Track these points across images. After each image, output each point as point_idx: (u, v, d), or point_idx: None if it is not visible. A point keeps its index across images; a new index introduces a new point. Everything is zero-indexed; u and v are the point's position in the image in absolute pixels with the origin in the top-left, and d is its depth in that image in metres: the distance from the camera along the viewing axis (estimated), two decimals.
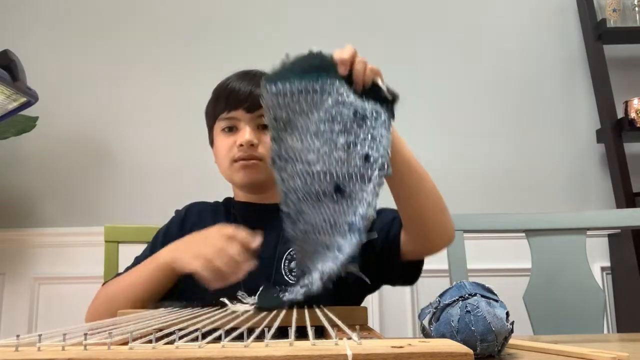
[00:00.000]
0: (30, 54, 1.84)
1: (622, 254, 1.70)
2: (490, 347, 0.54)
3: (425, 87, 1.90)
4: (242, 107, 0.95)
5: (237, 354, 0.32)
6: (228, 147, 0.95)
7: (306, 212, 0.72)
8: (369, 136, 0.69)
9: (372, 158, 0.68)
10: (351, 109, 0.70)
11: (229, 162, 0.96)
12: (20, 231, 1.83)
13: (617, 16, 1.90)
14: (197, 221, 1.02)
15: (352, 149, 0.69)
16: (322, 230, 0.71)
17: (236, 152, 0.94)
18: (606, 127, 1.79)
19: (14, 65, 0.80)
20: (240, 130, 0.95)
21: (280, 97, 0.72)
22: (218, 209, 1.04)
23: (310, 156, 0.72)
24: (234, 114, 0.95)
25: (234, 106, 0.95)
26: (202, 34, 1.97)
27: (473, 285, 0.59)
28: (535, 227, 1.16)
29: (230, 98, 0.96)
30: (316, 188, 0.71)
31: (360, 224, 0.66)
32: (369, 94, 0.72)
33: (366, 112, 0.70)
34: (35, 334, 0.35)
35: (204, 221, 1.02)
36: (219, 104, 0.98)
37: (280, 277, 0.91)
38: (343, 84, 0.71)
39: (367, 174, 0.68)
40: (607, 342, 0.81)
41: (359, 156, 0.68)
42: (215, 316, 0.54)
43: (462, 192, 1.81)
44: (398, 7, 1.98)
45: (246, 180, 0.96)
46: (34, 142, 1.86)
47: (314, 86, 0.71)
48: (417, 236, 0.85)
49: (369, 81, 0.74)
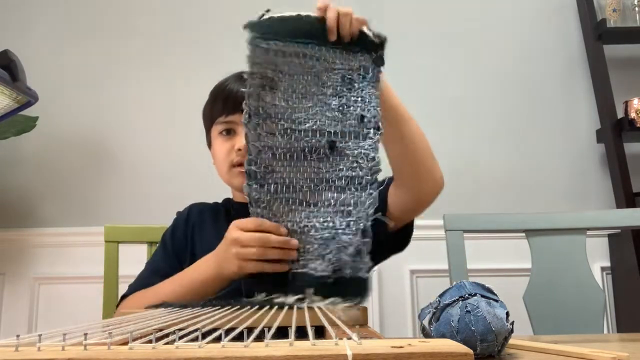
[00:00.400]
0: (30, 54, 1.84)
1: (622, 254, 1.70)
2: (490, 347, 0.54)
3: (425, 87, 1.90)
4: (240, 110, 0.94)
5: (237, 354, 0.32)
6: (226, 151, 0.94)
7: (279, 170, 0.73)
8: (359, 98, 0.74)
9: (366, 118, 0.73)
10: (339, 74, 0.74)
11: (228, 166, 0.95)
12: (20, 231, 1.83)
13: (617, 16, 1.90)
14: (198, 221, 1.02)
15: (345, 110, 0.74)
16: (301, 187, 0.73)
17: (234, 156, 0.93)
18: (606, 127, 1.79)
19: (14, 66, 0.80)
20: (238, 134, 0.94)
21: (268, 55, 0.74)
22: (218, 210, 1.05)
23: (298, 115, 0.73)
24: (231, 117, 0.94)
25: (231, 109, 0.94)
26: (202, 34, 1.97)
27: (473, 285, 0.59)
28: (535, 227, 1.16)
29: (228, 101, 0.94)
30: (302, 145, 0.73)
31: (369, 177, 0.72)
32: (357, 44, 0.76)
33: (353, 75, 0.75)
34: (35, 334, 0.35)
35: (205, 221, 1.02)
36: (217, 107, 0.96)
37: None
38: (330, 50, 0.75)
39: (363, 132, 0.73)
40: (607, 342, 0.81)
41: (354, 116, 0.74)
42: (215, 316, 0.54)
43: (462, 192, 1.81)
44: (398, 6, 1.98)
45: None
46: (34, 142, 1.86)
47: (304, 51, 0.74)
48: (408, 182, 0.86)
49: (356, 32, 0.76)
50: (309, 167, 0.73)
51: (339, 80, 0.74)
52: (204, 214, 1.05)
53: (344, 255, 0.71)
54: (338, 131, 0.73)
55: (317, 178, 0.73)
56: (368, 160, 0.73)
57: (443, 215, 1.18)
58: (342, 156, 0.73)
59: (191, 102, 1.89)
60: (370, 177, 0.73)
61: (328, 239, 0.72)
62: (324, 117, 0.74)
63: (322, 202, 0.73)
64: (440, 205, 1.73)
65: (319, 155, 0.73)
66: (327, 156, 0.73)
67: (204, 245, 1.00)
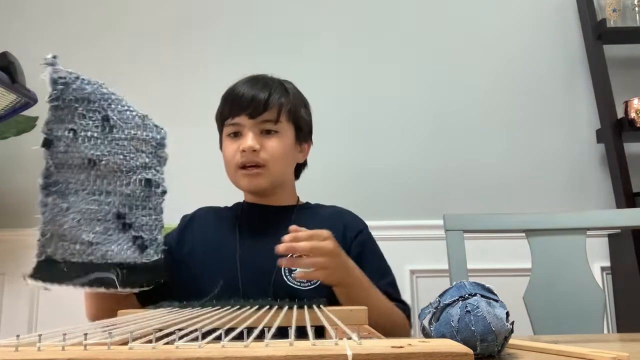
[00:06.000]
0: (29, 54, 1.84)
1: (622, 254, 1.70)
2: (490, 347, 0.54)
3: (425, 87, 1.90)
4: (245, 112, 0.97)
5: (237, 354, 0.32)
6: (233, 152, 0.98)
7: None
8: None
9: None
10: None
11: (234, 167, 0.98)
12: (20, 231, 1.83)
13: (617, 16, 1.90)
14: (203, 223, 1.04)
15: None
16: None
17: (239, 157, 0.96)
18: (606, 127, 1.79)
19: (13, 67, 0.81)
20: (244, 136, 0.97)
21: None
22: (223, 213, 1.06)
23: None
24: (238, 119, 0.97)
25: (237, 112, 0.97)
26: (202, 35, 1.97)
27: (473, 285, 0.59)
28: (535, 227, 1.16)
29: (235, 103, 0.98)
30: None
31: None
32: None
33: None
34: (35, 334, 0.35)
35: (209, 224, 1.04)
36: (225, 109, 1.00)
37: (280, 277, 0.92)
38: None
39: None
40: (607, 342, 0.81)
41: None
42: (215, 316, 0.54)
43: (462, 192, 1.81)
44: (398, 6, 1.97)
45: (250, 188, 1.00)
46: (34, 142, 1.85)
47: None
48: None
49: None
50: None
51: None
52: (208, 216, 1.06)
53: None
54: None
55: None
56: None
57: (443, 215, 1.18)
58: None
59: (192, 102, 1.90)
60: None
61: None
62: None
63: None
64: (440, 205, 1.74)
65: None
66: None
67: (206, 245, 1.00)
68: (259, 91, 0.97)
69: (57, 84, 0.82)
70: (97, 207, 0.82)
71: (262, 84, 0.99)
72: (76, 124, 0.82)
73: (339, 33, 1.95)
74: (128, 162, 0.86)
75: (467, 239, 1.15)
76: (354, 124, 1.88)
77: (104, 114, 0.85)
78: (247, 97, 0.97)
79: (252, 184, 0.98)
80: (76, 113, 0.82)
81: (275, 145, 0.97)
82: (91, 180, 0.82)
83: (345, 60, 1.93)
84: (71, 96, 0.83)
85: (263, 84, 0.99)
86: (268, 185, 0.99)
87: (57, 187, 0.80)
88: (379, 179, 1.83)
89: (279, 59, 1.89)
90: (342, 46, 1.94)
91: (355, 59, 1.93)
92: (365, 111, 1.89)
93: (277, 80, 1.03)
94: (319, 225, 1.00)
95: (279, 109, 0.98)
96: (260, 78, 1.02)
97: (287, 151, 1.00)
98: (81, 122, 0.83)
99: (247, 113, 0.96)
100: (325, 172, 1.74)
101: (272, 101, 0.97)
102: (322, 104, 1.26)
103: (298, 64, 1.89)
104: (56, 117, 0.81)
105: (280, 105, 0.98)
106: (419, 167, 1.83)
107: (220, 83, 1.04)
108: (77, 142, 0.82)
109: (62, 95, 0.82)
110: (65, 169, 0.81)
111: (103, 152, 0.83)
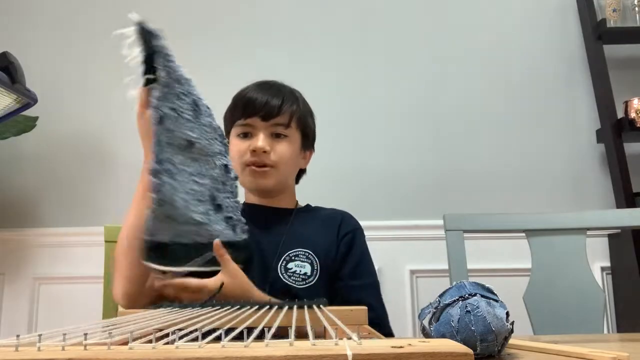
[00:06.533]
0: (30, 54, 1.84)
1: (622, 254, 1.70)
2: (490, 347, 0.54)
3: (425, 87, 1.90)
4: (258, 114, 1.01)
5: (237, 354, 0.32)
6: (242, 151, 1.01)
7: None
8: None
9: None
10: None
11: (241, 166, 1.01)
12: (20, 231, 1.83)
13: (617, 16, 1.90)
14: None
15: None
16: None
17: (249, 157, 1.00)
18: (606, 127, 1.79)
19: (13, 68, 0.81)
20: (254, 137, 1.01)
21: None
22: None
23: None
24: (250, 120, 1.01)
25: (250, 113, 1.01)
26: (202, 35, 1.97)
27: (473, 285, 0.59)
28: (535, 227, 1.16)
29: (248, 106, 1.02)
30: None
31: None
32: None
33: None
34: (35, 334, 0.35)
35: None
36: (237, 111, 1.04)
37: (276, 274, 0.95)
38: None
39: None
40: (607, 342, 0.81)
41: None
42: (215, 316, 0.54)
43: (462, 192, 1.81)
44: (397, 6, 1.97)
45: (254, 185, 1.03)
46: (34, 142, 1.86)
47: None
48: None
49: None
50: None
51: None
52: None
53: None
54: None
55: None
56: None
57: (443, 215, 1.19)
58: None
59: None
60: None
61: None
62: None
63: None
64: (440, 205, 1.74)
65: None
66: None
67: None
68: (272, 96, 1.02)
69: (153, 36, 0.83)
70: (198, 188, 0.81)
71: (275, 90, 1.04)
72: (175, 104, 0.81)
73: (337, 33, 1.95)
74: (211, 147, 0.86)
75: (467, 239, 1.15)
76: (354, 124, 1.88)
77: (192, 97, 0.84)
78: (261, 101, 1.01)
79: (258, 182, 1.01)
80: (175, 93, 0.81)
81: (285, 149, 1.02)
82: (189, 161, 0.81)
83: (345, 60, 1.93)
84: (172, 73, 0.82)
85: (277, 90, 1.04)
86: (273, 186, 1.03)
87: (168, 167, 0.78)
88: (379, 179, 1.83)
89: (279, 60, 1.89)
90: (340, 46, 1.94)
91: (354, 59, 1.93)
92: (365, 111, 1.89)
93: (289, 88, 1.08)
94: (315, 226, 1.04)
95: (291, 115, 1.03)
96: (272, 84, 1.07)
97: (294, 156, 1.05)
98: (179, 102, 0.81)
99: (260, 115, 1.01)
100: (325, 172, 1.74)
101: (285, 107, 1.02)
102: (323, 103, 1.26)
103: (298, 63, 1.89)
104: (163, 94, 0.80)
105: (292, 112, 1.03)
106: (420, 167, 1.83)
107: (220, 83, 1.05)
108: (179, 121, 0.80)
109: (165, 68, 0.81)
110: (172, 148, 0.79)
111: (197, 134, 0.83)
